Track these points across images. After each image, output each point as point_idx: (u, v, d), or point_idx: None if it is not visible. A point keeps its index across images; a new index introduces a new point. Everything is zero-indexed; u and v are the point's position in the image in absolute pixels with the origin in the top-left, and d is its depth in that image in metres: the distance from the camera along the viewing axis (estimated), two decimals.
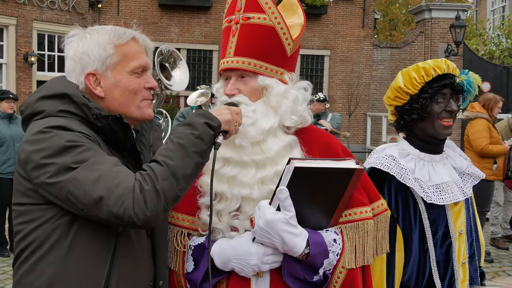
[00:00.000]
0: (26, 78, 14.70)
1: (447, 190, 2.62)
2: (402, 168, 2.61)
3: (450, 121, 2.62)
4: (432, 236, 2.64)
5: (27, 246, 1.86)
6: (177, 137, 1.87)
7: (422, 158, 2.68)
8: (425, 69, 2.61)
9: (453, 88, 2.61)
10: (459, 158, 2.77)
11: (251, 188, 2.17)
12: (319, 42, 18.34)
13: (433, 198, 2.58)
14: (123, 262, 1.91)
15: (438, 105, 2.60)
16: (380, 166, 2.62)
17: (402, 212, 2.65)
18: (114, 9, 17.04)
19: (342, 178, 2.09)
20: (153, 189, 1.74)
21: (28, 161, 1.80)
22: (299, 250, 2.06)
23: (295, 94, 2.27)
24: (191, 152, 1.84)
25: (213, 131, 1.93)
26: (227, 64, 2.26)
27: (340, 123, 10.53)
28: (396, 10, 36.86)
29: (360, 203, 2.26)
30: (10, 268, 7.45)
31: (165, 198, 1.76)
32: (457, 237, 2.67)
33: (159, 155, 1.83)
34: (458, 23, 16.97)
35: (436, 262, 2.64)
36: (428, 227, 2.64)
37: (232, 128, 2.05)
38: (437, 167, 2.68)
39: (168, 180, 1.77)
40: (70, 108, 1.90)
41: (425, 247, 2.64)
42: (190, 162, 1.84)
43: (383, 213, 2.36)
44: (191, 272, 2.24)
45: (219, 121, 1.96)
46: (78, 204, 1.74)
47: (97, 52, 1.96)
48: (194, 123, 1.91)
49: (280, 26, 2.25)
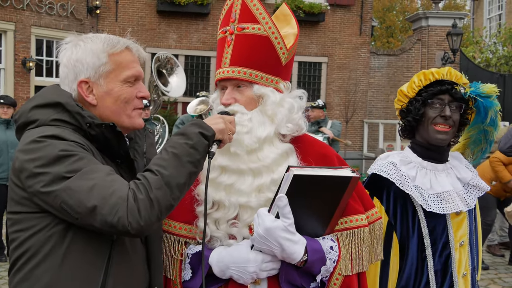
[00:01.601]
0: (24, 83, 14.70)
1: (448, 199, 2.61)
2: (402, 175, 2.62)
3: (444, 127, 2.59)
4: (431, 244, 2.64)
5: (22, 254, 1.86)
6: (171, 146, 1.89)
7: (425, 166, 2.68)
8: (424, 73, 2.65)
9: (452, 95, 2.60)
10: (464, 169, 2.76)
11: (248, 196, 2.19)
12: (316, 49, 18.38)
13: (432, 206, 2.58)
14: (118, 269, 1.92)
15: (432, 110, 2.60)
16: (381, 172, 2.65)
17: (400, 219, 2.65)
18: (112, 15, 17.06)
19: (339, 186, 2.12)
20: (147, 198, 1.75)
21: (22, 170, 1.81)
22: (298, 257, 2.08)
23: (290, 102, 2.30)
24: (185, 161, 1.86)
25: (207, 140, 1.94)
26: (222, 74, 2.29)
27: (340, 130, 10.52)
28: (393, 17, 36.97)
29: (355, 211, 2.28)
30: (7, 273, 7.44)
31: (159, 207, 1.77)
32: (457, 248, 2.66)
33: (153, 164, 1.84)
34: (455, 31, 17.04)
35: (434, 271, 2.64)
36: (427, 235, 2.64)
37: (226, 137, 2.06)
38: (440, 176, 2.67)
39: (162, 189, 1.78)
40: (63, 117, 1.92)
41: (423, 255, 2.64)
42: (184, 172, 1.85)
43: (378, 221, 2.38)
44: (188, 280, 2.25)
45: (213, 131, 1.97)
46: (72, 213, 1.75)
47: (91, 60, 1.97)
48: (188, 132, 1.92)
49: (274, 36, 2.28)
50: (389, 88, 19.07)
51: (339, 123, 10.64)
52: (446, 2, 34.19)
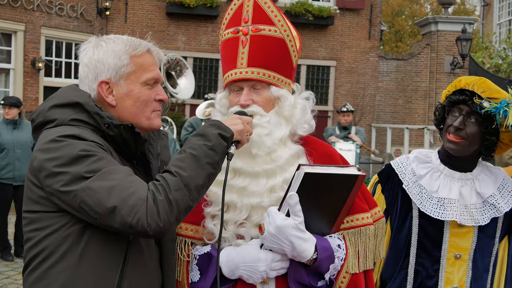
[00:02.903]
0: (33, 83, 14.74)
1: (447, 207, 2.57)
2: (408, 170, 2.66)
3: (455, 137, 2.53)
4: (418, 245, 2.64)
5: (38, 253, 1.87)
6: (190, 147, 1.89)
7: (441, 170, 2.66)
8: (457, 79, 2.63)
9: (471, 107, 2.50)
10: (489, 185, 2.62)
11: (261, 197, 2.21)
12: (325, 52, 18.35)
13: (429, 208, 2.58)
14: (133, 270, 1.93)
15: (450, 118, 2.59)
16: (393, 162, 2.74)
17: (394, 210, 2.71)
18: (122, 16, 17.10)
19: (346, 184, 2.14)
20: (166, 200, 1.76)
21: (41, 169, 1.82)
22: (308, 255, 2.09)
23: (303, 103, 2.35)
24: (204, 163, 1.86)
25: (226, 142, 1.94)
26: (240, 75, 2.29)
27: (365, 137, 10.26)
28: (402, 21, 36.90)
29: (361, 209, 2.31)
30: (14, 272, 7.45)
31: (177, 208, 1.77)
32: (450, 258, 2.61)
33: (172, 165, 1.85)
34: (465, 36, 16.97)
35: (414, 270, 2.64)
36: (416, 234, 2.64)
37: (244, 138, 2.07)
38: (452, 184, 2.63)
39: (181, 190, 1.78)
40: (82, 117, 1.92)
41: (408, 251, 2.66)
42: (202, 173, 1.85)
43: (381, 219, 2.42)
44: (197, 282, 2.24)
45: (232, 132, 1.98)
46: (91, 213, 1.76)
47: (112, 61, 1.98)
48: (207, 134, 1.93)
49: (289, 38, 2.31)
50: (397, 93, 19.02)
51: (363, 130, 10.38)
52: (455, 7, 34.10)
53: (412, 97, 19.05)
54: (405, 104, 19.08)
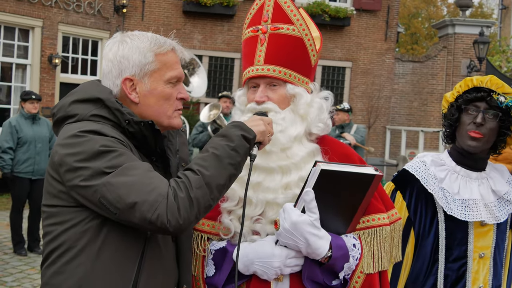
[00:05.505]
0: (50, 79, 14.85)
1: (472, 207, 2.59)
2: (429, 174, 2.65)
3: (476, 133, 2.56)
4: (446, 249, 2.64)
5: (57, 247, 1.88)
6: (213, 147, 1.90)
7: (457, 171, 2.68)
8: (466, 80, 2.66)
9: (488, 103, 2.57)
10: (502, 182, 2.70)
11: (275, 193, 2.22)
12: (341, 53, 18.30)
13: (455, 211, 2.58)
14: (151, 265, 1.94)
15: (467, 116, 2.60)
16: (410, 168, 2.70)
17: (419, 216, 2.68)
18: (139, 14, 17.18)
19: (362, 183, 2.14)
20: (187, 197, 1.76)
21: (62, 164, 1.83)
22: (322, 253, 2.10)
23: (319, 102, 2.35)
24: (226, 163, 1.87)
25: (248, 143, 1.95)
26: (256, 72, 2.31)
27: (364, 136, 10.30)
28: (419, 24, 36.71)
29: (378, 209, 2.30)
30: (27, 267, 7.51)
31: (198, 206, 1.78)
32: (475, 258, 2.64)
33: (194, 163, 1.86)
34: (482, 39, 16.84)
35: (444, 275, 2.64)
36: (443, 239, 2.64)
37: (266, 138, 2.08)
38: (471, 184, 2.65)
39: (202, 189, 1.79)
40: (102, 113, 1.93)
41: (436, 257, 2.65)
42: (224, 173, 1.86)
43: (398, 221, 2.40)
44: (211, 276, 2.26)
45: (254, 133, 1.99)
46: (111, 208, 1.77)
47: (137, 58, 1.99)
48: (230, 134, 1.93)
49: (307, 38, 2.33)
50: (413, 95, 18.91)
51: (364, 128, 10.44)
52: (473, 10, 33.85)
53: (427, 100, 18.93)
54: (420, 106, 18.96)
